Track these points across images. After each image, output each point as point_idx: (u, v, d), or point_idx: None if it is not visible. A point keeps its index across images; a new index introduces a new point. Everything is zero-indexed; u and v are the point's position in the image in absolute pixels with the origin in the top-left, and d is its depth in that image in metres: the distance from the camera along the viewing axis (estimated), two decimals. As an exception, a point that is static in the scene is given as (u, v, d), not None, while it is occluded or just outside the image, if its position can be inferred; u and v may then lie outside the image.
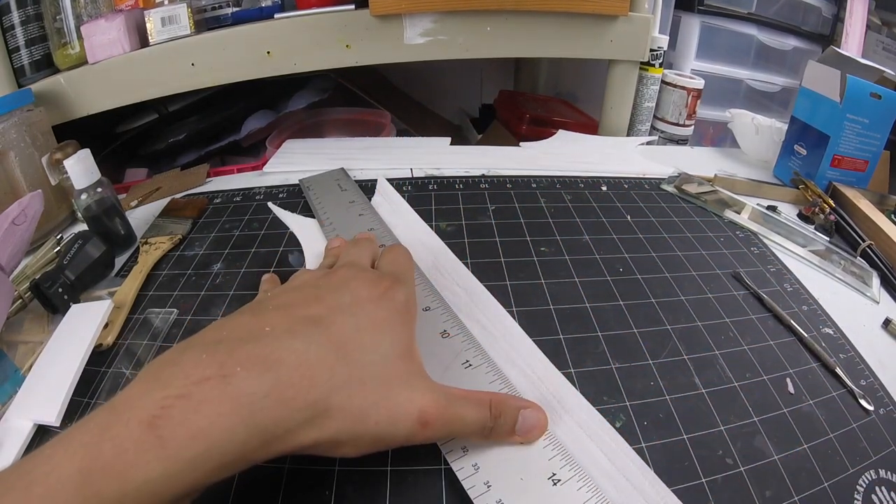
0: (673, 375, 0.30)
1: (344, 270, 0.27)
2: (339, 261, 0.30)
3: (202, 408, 0.17)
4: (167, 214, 0.49)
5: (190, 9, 0.57)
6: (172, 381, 0.18)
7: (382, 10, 0.57)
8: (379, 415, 0.21)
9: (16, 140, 0.46)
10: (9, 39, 0.55)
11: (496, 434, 0.24)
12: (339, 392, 0.20)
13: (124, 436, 0.16)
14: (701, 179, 0.53)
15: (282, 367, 0.19)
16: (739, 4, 0.79)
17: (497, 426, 0.24)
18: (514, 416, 0.24)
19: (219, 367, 0.19)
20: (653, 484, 0.24)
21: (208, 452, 0.17)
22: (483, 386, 0.27)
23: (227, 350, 0.20)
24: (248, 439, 0.18)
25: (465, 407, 0.23)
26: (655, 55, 0.65)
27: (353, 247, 0.31)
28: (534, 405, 0.25)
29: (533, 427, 0.25)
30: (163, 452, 0.16)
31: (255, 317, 0.22)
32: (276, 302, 0.24)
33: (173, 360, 0.19)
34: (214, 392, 0.18)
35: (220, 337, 0.21)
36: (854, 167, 0.51)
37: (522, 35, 0.61)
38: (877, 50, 0.80)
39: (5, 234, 0.36)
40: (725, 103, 0.78)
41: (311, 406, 0.19)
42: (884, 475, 0.26)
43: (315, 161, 0.57)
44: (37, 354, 0.33)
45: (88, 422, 0.17)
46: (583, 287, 0.37)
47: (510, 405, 0.24)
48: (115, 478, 0.16)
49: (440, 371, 0.28)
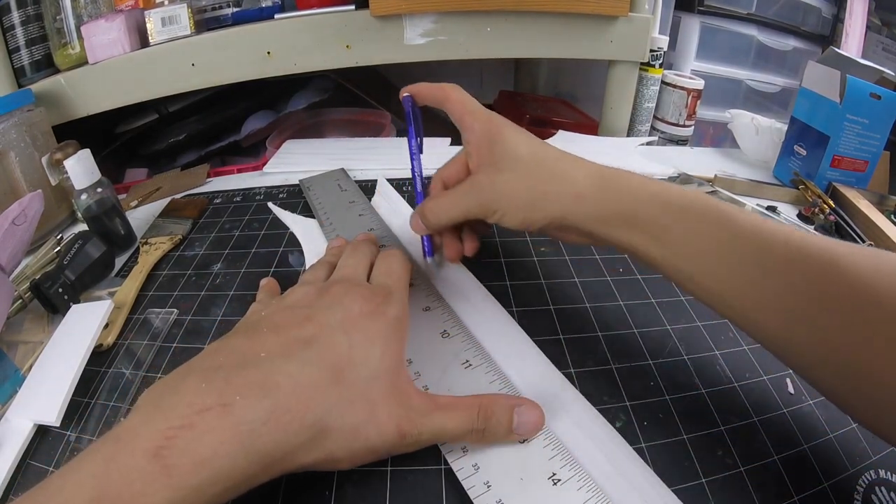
0: (673, 375, 0.30)
1: (337, 287, 0.27)
2: (336, 272, 0.30)
3: (205, 438, 0.18)
4: (167, 215, 0.49)
5: (190, 9, 0.57)
6: (174, 411, 0.19)
7: (383, 10, 0.57)
8: (368, 430, 0.22)
9: (16, 140, 0.46)
10: (9, 39, 0.56)
11: (491, 436, 0.24)
12: (333, 413, 0.21)
13: (131, 466, 0.17)
14: (701, 180, 0.53)
15: (278, 393, 0.20)
16: (739, 5, 0.79)
17: (490, 427, 0.24)
18: (509, 415, 0.24)
19: (218, 395, 0.19)
20: (653, 484, 0.24)
21: (212, 479, 0.18)
22: (483, 386, 0.27)
23: (225, 377, 0.20)
24: (250, 465, 0.19)
25: (445, 415, 0.24)
26: (655, 56, 0.65)
27: (351, 256, 0.31)
28: (528, 401, 0.25)
29: (530, 423, 0.25)
30: (169, 481, 0.17)
31: (250, 340, 0.23)
32: (270, 323, 0.24)
33: (174, 387, 0.20)
34: (216, 422, 0.19)
35: (217, 363, 0.21)
36: (854, 167, 0.51)
37: (522, 35, 0.62)
38: (876, 50, 0.80)
39: (5, 234, 0.36)
40: (725, 104, 0.78)
41: (308, 428, 0.20)
42: (883, 475, 0.26)
43: (315, 161, 0.57)
44: (37, 354, 0.33)
45: (95, 452, 0.18)
46: (583, 287, 0.37)
47: (503, 405, 0.24)
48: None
49: (440, 371, 0.28)
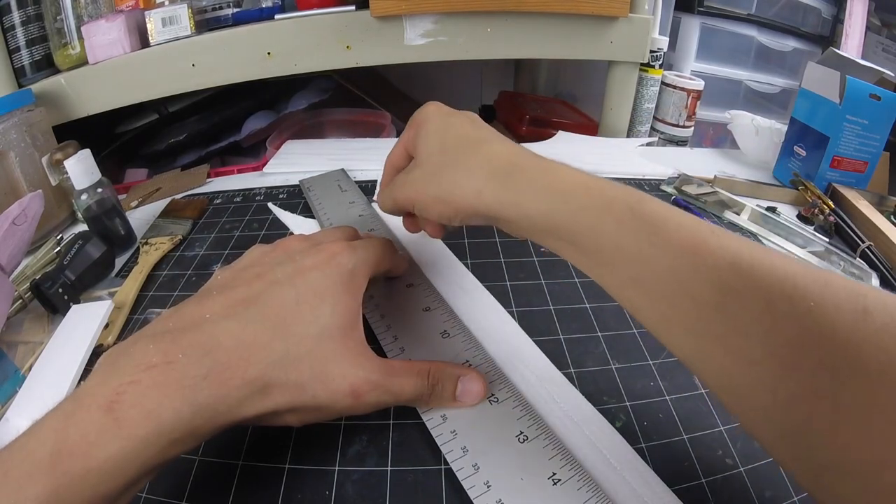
0: (673, 376, 0.30)
1: (291, 241, 0.28)
2: None
3: (150, 392, 0.19)
4: (167, 215, 0.49)
5: (190, 9, 0.57)
6: (125, 369, 0.20)
7: (383, 11, 0.57)
8: (315, 388, 0.22)
9: (16, 140, 0.46)
10: (9, 39, 0.56)
11: (436, 400, 0.26)
12: (276, 368, 0.22)
13: (87, 420, 0.19)
14: (701, 180, 0.53)
15: (219, 350, 0.21)
16: (739, 6, 0.79)
17: (436, 393, 0.25)
18: (454, 383, 0.26)
19: (163, 354, 0.21)
20: (653, 484, 0.24)
21: (159, 430, 0.19)
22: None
23: (171, 339, 0.21)
24: (194, 417, 0.20)
25: (399, 379, 0.24)
26: (655, 56, 0.65)
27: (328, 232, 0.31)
28: (473, 371, 0.27)
29: (472, 393, 0.26)
30: (119, 432, 0.18)
31: (199, 305, 0.24)
32: (221, 286, 0.25)
33: (126, 350, 0.21)
34: (160, 377, 0.20)
35: (166, 327, 0.22)
36: (853, 168, 0.51)
37: (523, 36, 0.62)
38: (876, 51, 0.80)
39: (5, 234, 0.36)
40: (725, 104, 0.78)
41: (249, 384, 0.21)
42: (883, 475, 0.26)
43: (315, 162, 0.57)
44: (37, 354, 0.33)
45: (57, 411, 0.19)
46: (582, 287, 0.37)
47: (449, 373, 0.26)
48: (81, 457, 0.18)
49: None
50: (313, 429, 0.27)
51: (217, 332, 0.22)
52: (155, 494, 0.25)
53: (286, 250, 0.27)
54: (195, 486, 0.25)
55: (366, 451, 0.26)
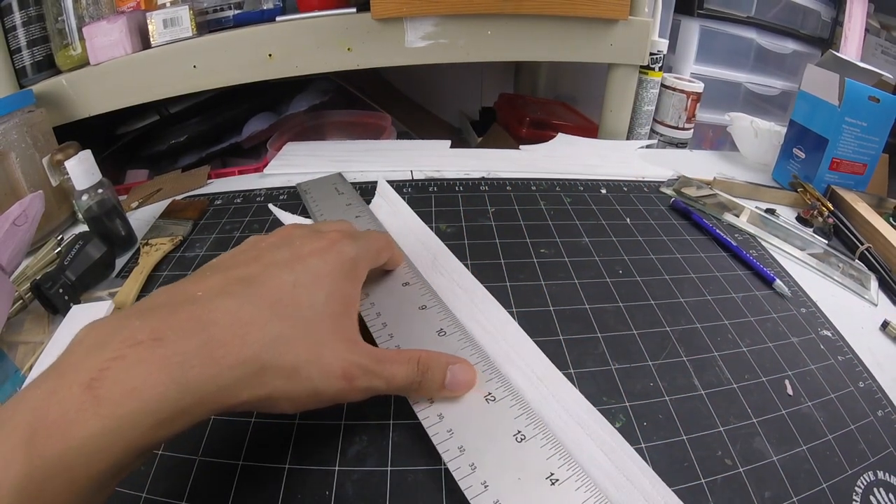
0: (672, 376, 0.30)
1: (291, 228, 0.27)
2: None
3: (134, 368, 0.18)
4: (168, 216, 0.49)
5: (192, 11, 0.57)
6: (110, 345, 0.19)
7: (384, 13, 0.57)
8: (311, 371, 0.22)
9: (17, 141, 0.46)
10: (10, 40, 0.56)
11: (425, 389, 0.25)
12: (271, 349, 0.21)
13: (67, 398, 0.17)
14: (700, 182, 0.53)
15: (213, 327, 0.20)
16: (739, 8, 0.79)
17: (425, 381, 0.25)
18: (443, 371, 0.25)
19: (151, 330, 0.19)
20: (653, 483, 0.24)
21: (142, 409, 0.18)
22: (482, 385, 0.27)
23: (161, 315, 0.20)
24: (181, 397, 0.19)
25: (391, 366, 0.24)
26: (655, 59, 0.66)
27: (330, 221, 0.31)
28: (463, 361, 0.26)
29: (461, 382, 0.26)
30: (98, 410, 0.17)
31: (194, 283, 0.23)
32: (218, 266, 0.25)
33: (114, 324, 0.20)
34: (146, 353, 0.19)
35: (157, 303, 0.22)
36: (852, 170, 0.51)
37: (523, 38, 0.62)
38: (875, 53, 0.81)
39: (6, 234, 0.36)
40: (725, 107, 0.78)
41: (243, 364, 0.20)
42: (882, 476, 0.26)
43: (316, 163, 0.57)
44: (37, 355, 0.33)
45: (39, 385, 0.18)
46: (582, 288, 0.37)
47: (439, 362, 0.25)
48: (59, 437, 0.17)
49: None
50: (313, 429, 0.27)
51: (212, 309, 0.21)
52: (155, 494, 0.25)
53: (285, 237, 0.27)
54: (195, 486, 0.25)
55: (366, 451, 0.26)
